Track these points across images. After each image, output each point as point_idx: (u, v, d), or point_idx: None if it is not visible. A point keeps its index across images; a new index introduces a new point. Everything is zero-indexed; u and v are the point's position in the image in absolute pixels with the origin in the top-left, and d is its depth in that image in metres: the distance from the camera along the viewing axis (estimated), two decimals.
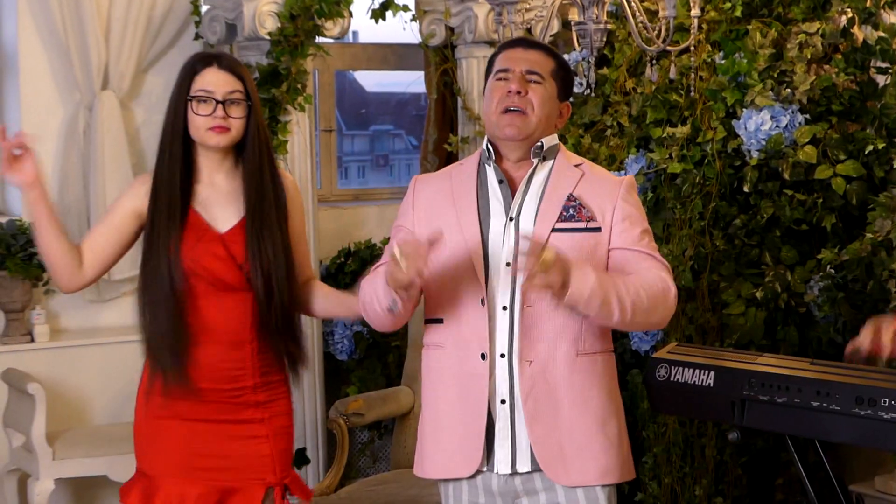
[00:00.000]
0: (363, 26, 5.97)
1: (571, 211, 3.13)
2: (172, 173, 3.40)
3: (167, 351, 3.38)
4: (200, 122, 3.36)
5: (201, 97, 3.36)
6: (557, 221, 3.11)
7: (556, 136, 3.23)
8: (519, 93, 3.13)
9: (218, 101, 3.35)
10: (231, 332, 3.42)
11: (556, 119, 3.22)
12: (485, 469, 3.15)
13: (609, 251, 3.14)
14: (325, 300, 3.59)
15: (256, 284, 3.41)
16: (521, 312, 3.09)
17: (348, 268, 5.75)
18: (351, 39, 6.94)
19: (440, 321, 3.19)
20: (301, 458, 5.41)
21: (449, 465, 3.19)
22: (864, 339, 3.17)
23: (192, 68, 3.39)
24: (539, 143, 3.17)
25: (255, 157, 3.42)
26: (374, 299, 3.12)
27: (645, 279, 3.07)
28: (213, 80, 3.37)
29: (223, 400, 3.44)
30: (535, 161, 3.17)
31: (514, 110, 3.12)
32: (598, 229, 3.13)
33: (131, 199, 3.47)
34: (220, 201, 3.45)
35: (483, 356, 3.11)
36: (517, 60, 3.18)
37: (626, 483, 3.28)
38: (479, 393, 3.12)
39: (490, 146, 3.20)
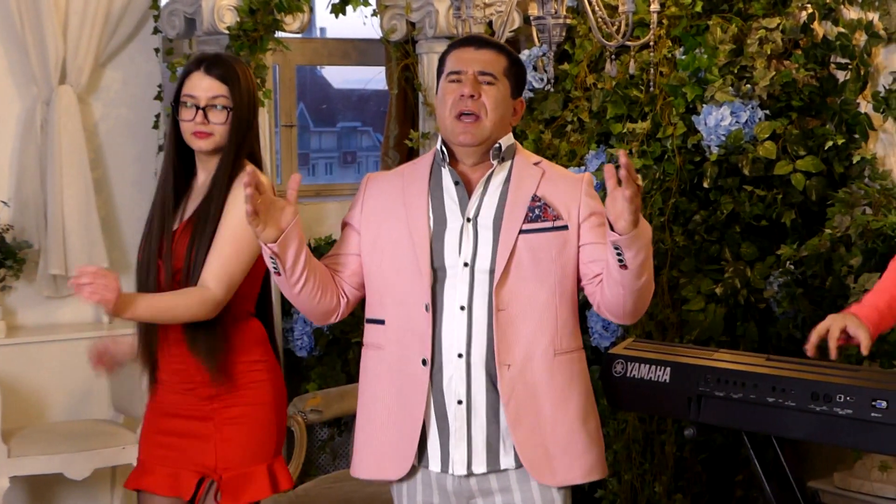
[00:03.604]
0: (330, 23, 5.94)
1: (537, 211, 3.10)
2: (167, 173, 3.47)
3: (145, 342, 3.46)
4: (185, 127, 3.41)
5: (186, 102, 3.40)
6: (524, 223, 3.09)
7: (511, 135, 3.19)
8: (472, 96, 3.08)
9: (199, 108, 3.38)
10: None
11: (511, 118, 3.18)
12: (418, 468, 3.12)
13: (580, 247, 3.12)
14: None
15: (169, 280, 3.42)
16: (495, 317, 3.06)
17: None
18: (318, 35, 6.91)
19: (381, 322, 3.15)
20: None
21: (380, 466, 3.16)
22: (812, 340, 3.25)
23: (186, 70, 3.43)
24: (497, 145, 3.13)
25: (225, 164, 3.41)
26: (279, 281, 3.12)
27: None
28: (197, 85, 3.39)
29: (178, 391, 3.48)
30: (495, 163, 3.14)
31: (467, 114, 3.08)
32: (566, 227, 3.11)
33: None
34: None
35: (424, 362, 3.07)
36: (469, 61, 3.12)
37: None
38: (418, 397, 3.08)
39: (444, 148, 3.16)
